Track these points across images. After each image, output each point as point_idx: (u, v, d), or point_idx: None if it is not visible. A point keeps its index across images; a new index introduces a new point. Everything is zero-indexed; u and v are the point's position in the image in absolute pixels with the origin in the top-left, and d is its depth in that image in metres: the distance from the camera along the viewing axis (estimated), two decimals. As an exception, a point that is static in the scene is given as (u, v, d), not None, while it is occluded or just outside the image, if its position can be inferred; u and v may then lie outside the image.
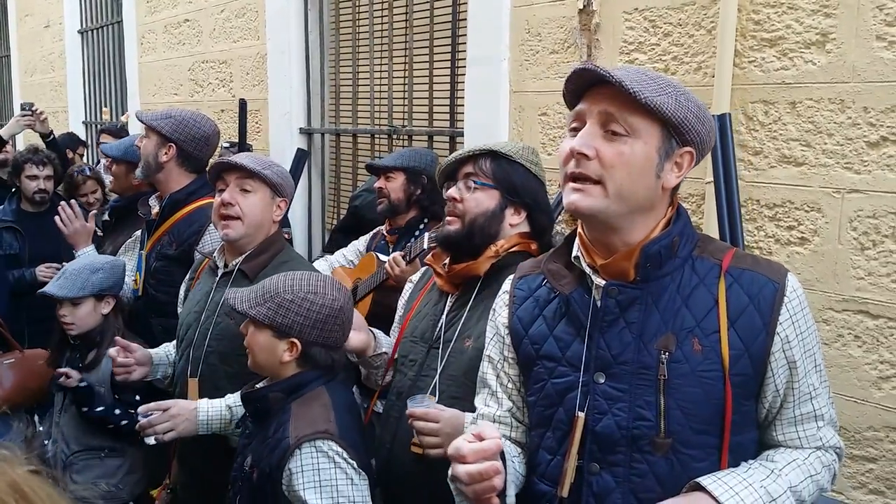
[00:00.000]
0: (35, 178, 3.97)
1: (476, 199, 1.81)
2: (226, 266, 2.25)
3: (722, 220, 2.12)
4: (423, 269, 2.13)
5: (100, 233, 3.95)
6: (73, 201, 3.31)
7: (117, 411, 2.53)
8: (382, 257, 2.77)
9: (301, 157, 4.04)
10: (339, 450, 1.66)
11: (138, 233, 3.14)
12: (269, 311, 1.75)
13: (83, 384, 2.51)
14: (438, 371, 1.79)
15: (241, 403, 2.03)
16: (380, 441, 1.90)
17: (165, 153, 2.74)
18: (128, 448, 2.61)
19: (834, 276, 2.09)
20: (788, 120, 2.16)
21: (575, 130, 1.30)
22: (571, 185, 1.28)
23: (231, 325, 2.14)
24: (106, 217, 3.73)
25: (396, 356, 1.95)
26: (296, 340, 1.76)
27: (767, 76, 2.20)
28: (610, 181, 1.25)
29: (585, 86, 1.30)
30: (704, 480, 1.22)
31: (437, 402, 1.71)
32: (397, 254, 2.52)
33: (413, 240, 2.72)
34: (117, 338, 2.36)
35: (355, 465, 1.68)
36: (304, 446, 1.65)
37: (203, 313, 2.24)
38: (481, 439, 1.21)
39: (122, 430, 2.53)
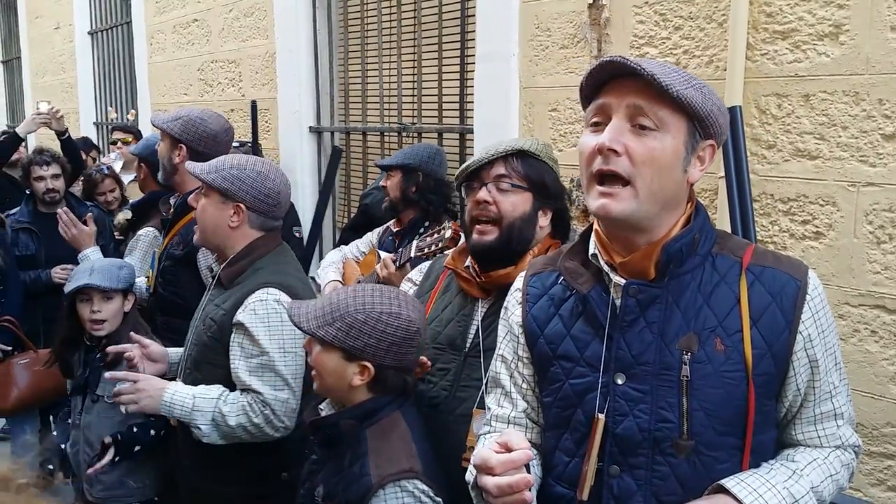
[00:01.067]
0: (41, 178, 4.00)
1: (512, 202, 1.73)
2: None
3: (734, 214, 2.11)
4: (425, 268, 2.06)
5: (117, 234, 3.99)
6: (65, 209, 3.34)
7: (152, 431, 2.51)
8: (383, 255, 2.78)
9: (335, 155, 4.02)
10: (425, 488, 1.57)
11: (143, 231, 3.19)
12: (340, 333, 1.62)
13: (118, 436, 2.43)
14: (485, 382, 1.71)
15: (206, 395, 2.05)
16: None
17: (178, 155, 2.75)
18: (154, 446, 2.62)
19: (850, 270, 2.07)
20: (802, 113, 2.14)
21: (596, 126, 1.25)
22: (598, 189, 1.23)
23: (202, 332, 2.15)
24: (129, 216, 3.76)
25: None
26: (368, 364, 1.64)
27: (780, 69, 2.17)
28: (640, 180, 1.22)
29: (606, 78, 1.26)
30: (728, 482, 1.21)
31: None
32: (389, 257, 2.51)
33: (411, 241, 2.72)
34: (132, 333, 2.34)
35: (441, 502, 1.60)
36: (388, 487, 1.55)
37: (197, 318, 2.26)
38: (508, 449, 1.18)
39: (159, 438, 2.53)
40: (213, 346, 2.11)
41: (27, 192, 4.14)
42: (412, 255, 2.35)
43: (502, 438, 1.20)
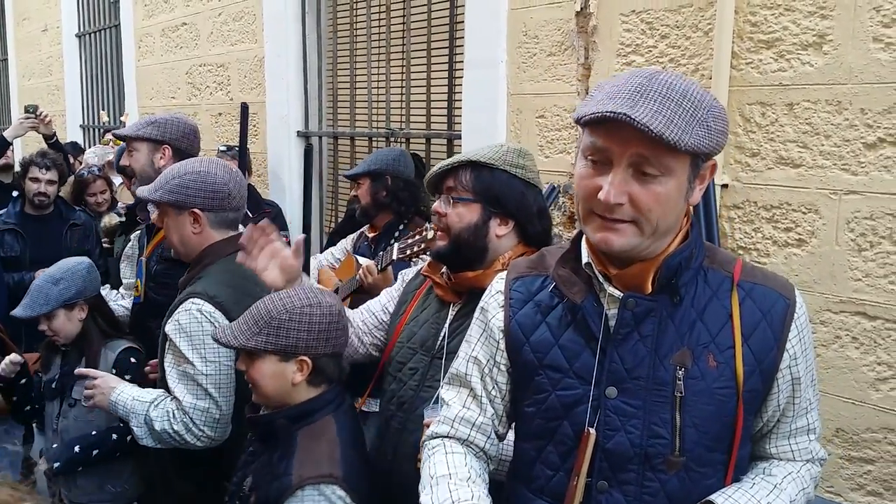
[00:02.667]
0: (37, 180, 3.97)
1: (458, 213, 1.77)
2: None
3: (698, 220, 2.12)
4: (415, 270, 2.09)
5: (104, 240, 3.96)
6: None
7: (114, 435, 2.50)
8: (362, 260, 2.78)
9: (307, 153, 3.98)
10: (343, 493, 1.61)
11: (133, 237, 3.14)
12: (270, 337, 1.69)
13: (57, 465, 2.44)
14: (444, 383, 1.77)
15: (142, 399, 2.09)
16: (380, 453, 1.87)
17: (162, 157, 2.73)
18: (130, 450, 2.60)
19: (831, 277, 2.09)
20: (786, 121, 2.16)
21: (594, 162, 1.20)
22: (600, 221, 1.19)
23: (158, 333, 2.19)
24: (116, 219, 3.73)
25: (392, 361, 1.90)
26: (305, 358, 1.70)
27: (764, 78, 2.20)
28: (646, 223, 1.18)
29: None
30: (717, 498, 1.22)
31: None
32: (370, 263, 2.49)
33: (388, 246, 2.73)
34: (78, 370, 2.35)
35: None
36: (306, 488, 1.60)
37: None
38: None
39: (126, 442, 2.51)
40: (164, 350, 2.16)
41: (14, 193, 4.11)
42: (394, 257, 2.35)
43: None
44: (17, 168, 4.29)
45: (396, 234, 2.87)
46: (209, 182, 2.12)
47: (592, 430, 1.25)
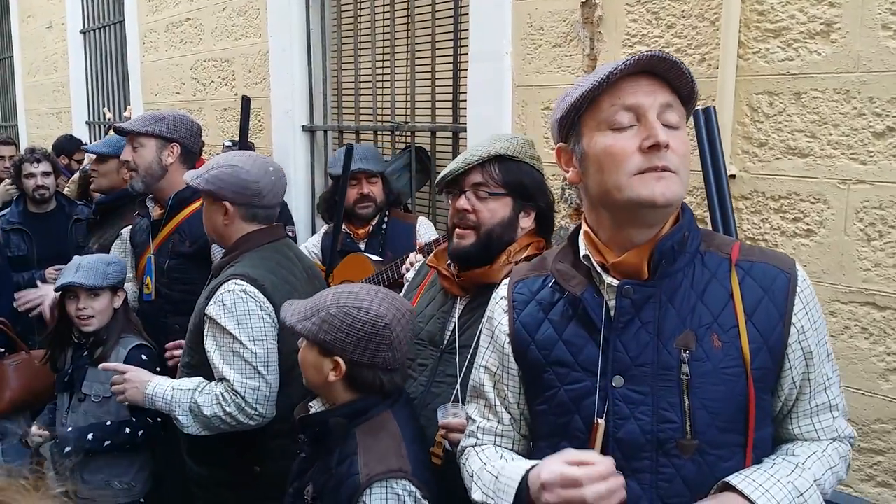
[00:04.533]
0: (32, 175, 3.98)
1: (491, 209, 1.75)
2: None
3: (714, 212, 2.11)
4: (418, 265, 2.09)
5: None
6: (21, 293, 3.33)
7: (127, 430, 2.52)
8: (375, 258, 2.80)
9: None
10: (414, 489, 1.55)
11: (124, 231, 3.13)
12: (314, 327, 1.65)
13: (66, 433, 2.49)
14: (459, 379, 1.74)
15: (183, 387, 2.09)
16: None
17: (170, 154, 2.74)
18: (139, 446, 2.62)
19: (840, 267, 2.08)
20: (793, 111, 2.15)
21: (619, 129, 1.23)
22: (648, 175, 1.21)
23: (192, 320, 2.22)
24: (91, 215, 3.72)
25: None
26: (339, 360, 1.64)
27: (772, 67, 2.18)
28: (684, 172, 1.24)
29: (615, 80, 1.24)
30: (734, 479, 1.20)
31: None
32: (413, 256, 2.46)
33: (384, 236, 3.01)
34: (104, 364, 2.39)
35: None
36: (375, 486, 1.54)
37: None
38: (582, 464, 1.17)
39: (137, 437, 2.53)
40: (199, 335, 2.16)
41: (19, 192, 4.13)
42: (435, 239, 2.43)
43: (575, 457, 1.18)
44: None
45: (384, 224, 3.07)
46: (240, 178, 2.17)
47: (601, 421, 1.25)
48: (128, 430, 2.51)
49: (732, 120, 2.24)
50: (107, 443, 2.48)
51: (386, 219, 3.07)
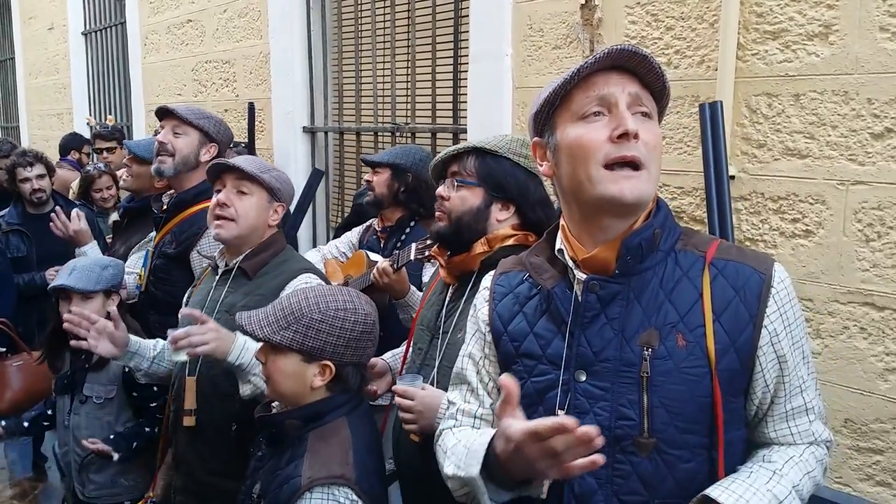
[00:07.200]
0: (27, 180, 3.98)
1: (461, 197, 1.84)
2: (227, 265, 2.27)
3: (711, 209, 2.12)
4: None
5: (108, 236, 3.96)
6: (57, 208, 3.34)
7: (146, 429, 2.56)
8: (373, 256, 2.77)
9: (315, 177, 4.03)
10: (355, 497, 1.54)
11: (153, 234, 3.15)
12: (297, 335, 1.62)
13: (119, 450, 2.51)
14: (437, 362, 1.83)
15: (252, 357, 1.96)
16: (394, 426, 1.94)
17: (207, 152, 2.77)
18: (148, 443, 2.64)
19: (839, 268, 2.09)
20: (792, 112, 2.16)
21: (591, 116, 1.24)
22: (620, 172, 1.21)
23: (230, 322, 2.12)
24: (117, 217, 3.72)
25: (412, 343, 1.99)
26: (329, 363, 1.63)
27: (770, 69, 2.19)
28: (653, 165, 1.23)
29: (587, 73, 1.26)
30: (713, 491, 1.18)
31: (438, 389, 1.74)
32: (385, 263, 2.45)
33: (402, 242, 2.77)
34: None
35: None
36: (315, 490, 1.53)
37: (203, 311, 2.25)
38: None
39: (154, 435, 2.56)
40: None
41: (15, 195, 4.13)
42: (411, 257, 2.34)
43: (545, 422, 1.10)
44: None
45: (408, 229, 2.85)
46: (291, 185, 2.37)
47: (561, 413, 1.24)
48: (147, 429, 2.55)
49: (731, 121, 2.25)
50: (134, 444, 2.54)
51: (413, 223, 2.88)
